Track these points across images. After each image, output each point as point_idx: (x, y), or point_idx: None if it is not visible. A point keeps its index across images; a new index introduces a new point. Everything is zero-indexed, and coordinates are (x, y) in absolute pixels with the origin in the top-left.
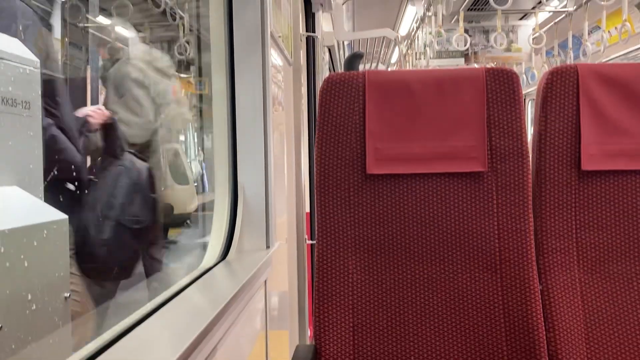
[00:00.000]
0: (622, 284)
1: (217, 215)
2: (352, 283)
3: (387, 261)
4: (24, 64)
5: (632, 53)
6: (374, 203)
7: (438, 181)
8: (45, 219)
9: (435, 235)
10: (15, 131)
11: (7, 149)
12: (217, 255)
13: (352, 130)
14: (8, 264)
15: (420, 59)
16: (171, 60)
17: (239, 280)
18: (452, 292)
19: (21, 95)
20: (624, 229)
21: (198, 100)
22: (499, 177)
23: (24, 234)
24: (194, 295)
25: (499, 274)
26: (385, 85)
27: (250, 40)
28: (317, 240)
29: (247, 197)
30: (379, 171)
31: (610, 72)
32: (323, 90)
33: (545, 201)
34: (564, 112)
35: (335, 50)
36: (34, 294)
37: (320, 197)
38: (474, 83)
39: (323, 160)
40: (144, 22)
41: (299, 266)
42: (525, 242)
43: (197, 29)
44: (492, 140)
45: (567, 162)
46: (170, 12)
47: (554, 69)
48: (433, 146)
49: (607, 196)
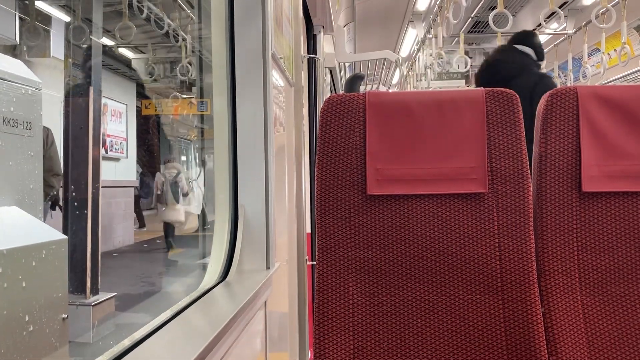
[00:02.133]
0: (625, 306)
1: (217, 235)
2: (352, 305)
3: (388, 283)
4: (26, 85)
5: (631, 75)
6: (375, 224)
7: (438, 202)
8: (44, 239)
9: (436, 256)
10: (16, 151)
11: (8, 169)
12: (217, 276)
13: (353, 151)
14: (6, 285)
15: (421, 80)
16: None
17: (239, 301)
18: (454, 315)
19: (23, 116)
20: (626, 251)
21: (199, 121)
22: (500, 199)
23: (23, 254)
24: (194, 316)
25: (501, 295)
26: (385, 106)
27: (251, 61)
28: (318, 261)
29: (247, 218)
30: (379, 192)
31: (610, 94)
32: (324, 111)
33: (547, 222)
34: (565, 134)
35: (337, 72)
36: (32, 315)
37: (320, 218)
38: (474, 104)
39: (323, 180)
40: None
41: (300, 287)
42: (527, 264)
43: (199, 50)
44: (492, 162)
45: (568, 183)
46: (173, 34)
47: (553, 91)
48: (433, 167)
49: (608, 217)
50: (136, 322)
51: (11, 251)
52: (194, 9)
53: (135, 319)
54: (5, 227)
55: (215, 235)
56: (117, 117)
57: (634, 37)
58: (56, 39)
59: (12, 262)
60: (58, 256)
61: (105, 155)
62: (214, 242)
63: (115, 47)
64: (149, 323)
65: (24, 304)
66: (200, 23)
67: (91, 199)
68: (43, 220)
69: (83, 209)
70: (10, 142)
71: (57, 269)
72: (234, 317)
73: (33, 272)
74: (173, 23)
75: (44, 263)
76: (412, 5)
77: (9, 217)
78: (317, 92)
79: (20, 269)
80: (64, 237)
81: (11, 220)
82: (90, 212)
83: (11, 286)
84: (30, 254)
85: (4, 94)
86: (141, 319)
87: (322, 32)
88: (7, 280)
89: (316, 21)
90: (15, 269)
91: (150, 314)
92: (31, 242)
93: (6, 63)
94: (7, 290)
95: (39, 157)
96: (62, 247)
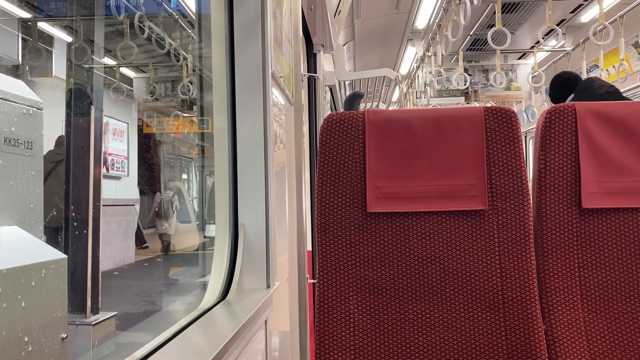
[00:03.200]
0: (627, 323)
1: (217, 254)
2: (353, 323)
3: (388, 301)
4: (27, 105)
5: (630, 91)
6: (375, 241)
7: (439, 219)
8: (43, 259)
9: (436, 274)
10: (17, 171)
11: (8, 189)
12: (217, 295)
13: (353, 169)
14: (5, 305)
15: (421, 97)
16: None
17: (239, 320)
18: (455, 332)
19: (24, 136)
20: (628, 267)
21: (200, 139)
22: (500, 215)
23: (22, 273)
24: (194, 335)
25: (502, 313)
26: (385, 124)
27: (251, 80)
28: (318, 279)
29: (247, 236)
30: (379, 209)
31: (608, 111)
32: (323, 129)
33: (547, 239)
34: (563, 151)
35: (337, 90)
36: (31, 335)
37: (320, 236)
38: (473, 122)
39: (324, 198)
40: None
41: (300, 306)
42: (528, 281)
43: (199, 69)
44: (492, 179)
45: (567, 200)
46: (174, 53)
47: (552, 108)
48: (433, 184)
49: (609, 234)
50: (137, 342)
51: (11, 271)
52: (194, 29)
53: (136, 338)
54: (5, 247)
55: (215, 253)
56: (118, 136)
57: (632, 54)
58: (58, 59)
59: (12, 282)
60: (58, 275)
61: (106, 173)
62: (214, 260)
63: (116, 67)
64: (150, 342)
65: (23, 323)
66: (201, 42)
67: (92, 218)
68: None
69: (84, 228)
70: (11, 162)
71: (57, 288)
72: (235, 336)
73: (32, 291)
74: (174, 43)
75: (44, 282)
76: (411, 23)
77: (9, 236)
78: (317, 110)
79: (20, 289)
80: (63, 257)
81: (11, 240)
82: (91, 231)
83: (10, 306)
84: (30, 273)
85: (5, 114)
86: (142, 338)
87: (322, 51)
88: (6, 300)
89: (316, 40)
90: (15, 288)
91: (150, 333)
92: (31, 262)
93: (8, 83)
94: (6, 310)
95: (39, 176)
96: (62, 266)
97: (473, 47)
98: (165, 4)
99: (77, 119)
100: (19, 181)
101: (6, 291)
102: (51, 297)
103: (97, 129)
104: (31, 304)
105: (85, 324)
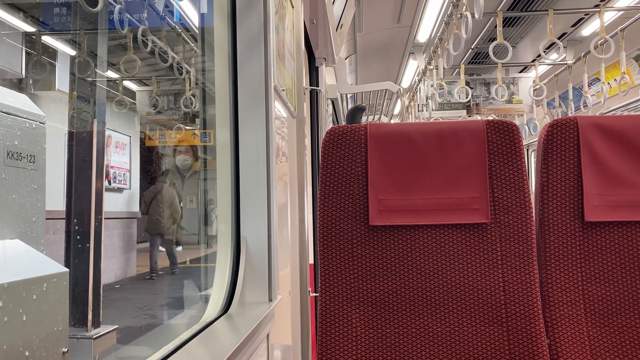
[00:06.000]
0: (631, 337)
1: (219, 267)
2: (355, 336)
3: (391, 314)
4: (30, 119)
5: (632, 104)
6: (377, 255)
7: (441, 233)
8: (45, 272)
9: (439, 287)
10: (19, 184)
11: (10, 202)
12: (219, 308)
13: (355, 182)
14: (6, 319)
15: (423, 110)
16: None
17: (241, 333)
18: (458, 347)
19: (26, 149)
20: (631, 281)
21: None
22: (502, 229)
23: (23, 287)
24: (196, 349)
25: (505, 327)
26: (387, 137)
27: (254, 93)
28: (320, 293)
29: (249, 249)
30: (381, 223)
31: (610, 124)
32: (326, 142)
33: (550, 253)
34: (565, 164)
35: (339, 103)
36: (32, 349)
37: (323, 249)
38: (475, 135)
39: (326, 211)
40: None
41: (303, 319)
42: (531, 295)
43: (202, 82)
44: (494, 192)
45: (570, 213)
46: (177, 67)
47: (553, 122)
48: (435, 198)
49: (612, 247)
50: (138, 355)
51: (12, 284)
52: (197, 43)
53: (137, 351)
54: (6, 260)
55: (217, 267)
56: (120, 149)
57: (633, 67)
58: (61, 72)
59: (13, 296)
60: (59, 289)
61: (108, 186)
62: (216, 274)
63: (119, 80)
64: (151, 356)
65: (24, 337)
66: (204, 56)
67: (94, 231)
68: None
69: (85, 241)
70: (13, 176)
71: (58, 302)
72: (236, 350)
73: (34, 305)
74: (177, 56)
75: (45, 296)
76: (412, 37)
77: (11, 250)
78: (320, 123)
79: (21, 303)
80: (65, 270)
81: (13, 253)
82: (93, 244)
83: (12, 320)
84: (32, 287)
85: (8, 127)
86: (143, 352)
87: (324, 64)
88: (7, 314)
89: (318, 54)
90: (16, 302)
91: (152, 347)
92: (32, 275)
93: (11, 97)
94: (7, 324)
95: (42, 190)
96: (63, 280)
97: (474, 61)
98: (168, 18)
99: (79, 132)
100: (22, 195)
101: (7, 305)
102: (52, 311)
103: (99, 142)
104: (32, 318)
105: (86, 338)
